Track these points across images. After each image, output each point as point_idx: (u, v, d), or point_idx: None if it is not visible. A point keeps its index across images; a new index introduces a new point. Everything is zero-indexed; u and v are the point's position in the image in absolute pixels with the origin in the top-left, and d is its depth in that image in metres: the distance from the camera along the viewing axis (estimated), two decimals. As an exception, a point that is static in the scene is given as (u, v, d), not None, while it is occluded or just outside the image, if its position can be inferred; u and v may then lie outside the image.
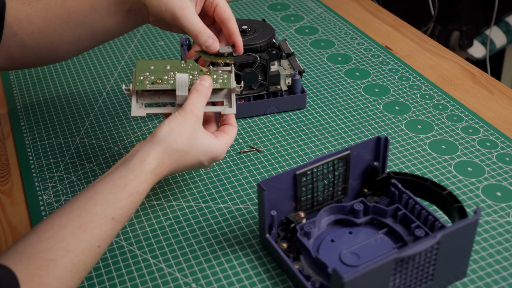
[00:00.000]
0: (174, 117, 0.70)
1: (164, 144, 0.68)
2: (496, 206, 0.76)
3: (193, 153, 0.70)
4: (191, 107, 0.70)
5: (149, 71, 0.74)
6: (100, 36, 0.82)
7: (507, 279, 0.67)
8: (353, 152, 0.71)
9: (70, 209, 0.62)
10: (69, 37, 0.82)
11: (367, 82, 1.02)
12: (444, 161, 0.84)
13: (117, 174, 0.65)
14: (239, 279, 0.68)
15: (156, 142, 0.68)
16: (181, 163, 0.69)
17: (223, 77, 0.76)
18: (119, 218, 0.63)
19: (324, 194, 0.72)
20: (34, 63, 0.87)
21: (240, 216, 0.76)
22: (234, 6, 1.29)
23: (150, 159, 0.67)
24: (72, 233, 0.60)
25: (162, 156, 0.67)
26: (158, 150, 0.67)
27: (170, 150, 0.68)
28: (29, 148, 0.90)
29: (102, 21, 0.81)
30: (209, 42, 0.77)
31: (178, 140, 0.68)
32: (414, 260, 0.60)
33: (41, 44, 0.82)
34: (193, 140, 0.69)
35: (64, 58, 0.86)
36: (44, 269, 0.57)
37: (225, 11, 0.80)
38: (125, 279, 0.68)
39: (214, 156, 0.72)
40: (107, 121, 0.95)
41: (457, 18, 1.77)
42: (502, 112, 0.94)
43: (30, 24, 0.81)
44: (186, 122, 0.69)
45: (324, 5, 1.28)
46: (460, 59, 1.08)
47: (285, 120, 0.93)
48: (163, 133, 0.68)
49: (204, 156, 0.71)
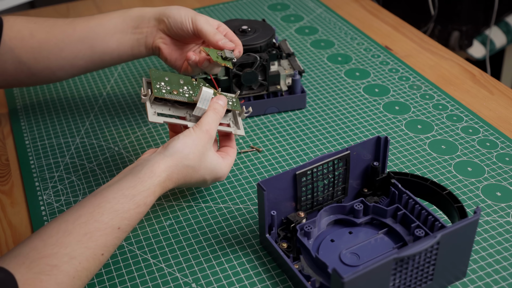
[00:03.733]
0: (189, 133, 0.70)
1: (176, 159, 0.68)
2: (496, 206, 0.76)
3: (201, 171, 0.71)
4: (207, 126, 0.71)
5: (164, 82, 0.74)
6: (98, 55, 0.83)
7: (507, 279, 0.67)
8: (353, 152, 0.71)
9: (77, 215, 0.62)
10: (68, 52, 0.83)
11: (367, 82, 1.02)
12: (444, 161, 0.84)
13: (126, 183, 0.65)
14: (239, 279, 0.68)
15: (168, 155, 0.68)
16: (187, 179, 0.70)
17: (232, 100, 0.78)
18: (125, 228, 0.64)
19: (324, 194, 0.72)
20: (26, 80, 0.87)
21: (240, 216, 0.76)
22: (234, 6, 1.29)
23: (160, 171, 0.67)
24: (77, 240, 0.60)
25: (172, 170, 0.68)
26: (169, 163, 0.68)
27: (181, 165, 0.69)
28: (29, 148, 0.90)
29: (105, 38, 0.82)
30: (224, 40, 0.80)
31: (191, 157, 0.69)
32: (414, 260, 0.60)
33: (38, 59, 0.83)
34: (203, 159, 0.70)
35: (57, 76, 0.86)
36: (46, 274, 0.57)
37: None
38: (125, 279, 0.68)
39: (218, 177, 0.73)
40: (107, 121, 0.95)
41: (457, 18, 1.77)
42: (502, 112, 0.94)
43: (32, 38, 0.82)
44: (200, 140, 0.70)
45: (324, 5, 1.28)
46: (460, 59, 1.08)
47: (285, 120, 0.94)
48: (177, 147, 0.69)
49: (210, 176, 0.72)
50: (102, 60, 0.85)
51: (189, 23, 0.81)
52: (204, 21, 0.81)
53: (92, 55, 0.84)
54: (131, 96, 1.00)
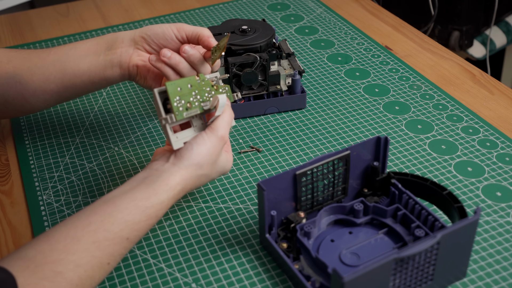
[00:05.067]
0: (203, 141, 0.69)
1: (191, 171, 0.68)
2: (496, 206, 0.76)
3: (212, 175, 0.71)
4: (222, 132, 0.70)
5: (179, 95, 0.69)
6: (68, 78, 0.80)
7: (507, 279, 0.67)
8: (353, 152, 0.71)
9: (87, 222, 0.61)
10: (39, 75, 0.80)
11: (367, 82, 1.02)
12: (444, 161, 0.84)
13: (140, 194, 0.65)
14: (239, 279, 0.68)
15: (183, 167, 0.68)
16: (198, 185, 0.71)
17: (226, 89, 0.75)
18: (133, 238, 0.64)
19: (324, 194, 0.72)
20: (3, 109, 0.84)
21: (240, 216, 0.76)
22: (234, 6, 1.29)
23: (176, 184, 0.67)
24: (85, 248, 0.59)
25: (187, 182, 0.68)
26: (184, 176, 0.68)
27: (195, 175, 0.69)
28: (29, 148, 0.90)
29: (76, 60, 0.80)
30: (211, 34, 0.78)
31: (205, 167, 0.69)
32: (414, 260, 0.60)
33: (10, 84, 0.81)
34: (216, 164, 0.71)
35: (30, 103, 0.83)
36: (49, 281, 0.56)
37: None
38: (125, 279, 0.68)
39: (224, 171, 0.74)
40: (107, 121, 0.95)
41: (457, 18, 1.77)
42: (502, 112, 0.94)
43: (8, 63, 0.81)
44: (215, 148, 0.70)
45: (324, 5, 1.28)
46: (460, 59, 1.08)
47: (285, 120, 0.93)
48: (192, 159, 0.68)
49: (217, 174, 0.72)
50: (73, 84, 0.81)
51: (172, 31, 0.78)
52: (188, 25, 0.79)
53: (62, 77, 0.81)
54: (131, 96, 1.00)
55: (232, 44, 0.90)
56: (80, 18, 1.28)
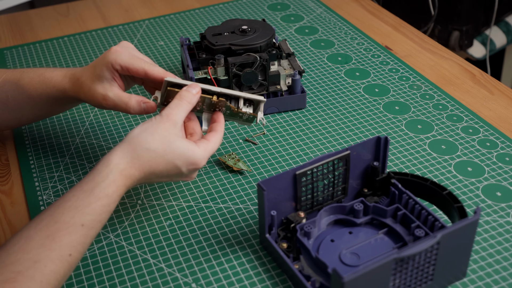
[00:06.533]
0: (149, 120, 0.68)
1: (134, 143, 0.66)
2: (496, 206, 0.76)
3: (168, 156, 0.67)
4: (168, 111, 0.69)
5: None
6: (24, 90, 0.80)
7: (507, 279, 0.67)
8: (353, 152, 0.71)
9: (38, 220, 0.61)
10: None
11: (367, 82, 1.02)
12: (444, 161, 0.84)
13: (85, 179, 0.64)
14: (239, 279, 0.68)
15: (125, 141, 0.66)
16: (154, 165, 0.66)
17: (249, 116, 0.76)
18: (90, 224, 0.62)
19: (324, 194, 0.72)
20: None
21: (240, 216, 0.76)
22: (234, 6, 1.29)
23: (118, 158, 0.65)
24: (39, 244, 0.59)
25: (131, 155, 0.65)
26: (126, 149, 0.65)
27: (140, 149, 0.66)
28: (29, 148, 0.90)
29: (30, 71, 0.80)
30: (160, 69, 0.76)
31: (149, 139, 0.66)
32: (414, 260, 0.60)
33: None
34: (167, 142, 0.67)
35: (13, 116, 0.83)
36: (11, 282, 0.56)
37: None
38: (125, 279, 0.68)
39: (192, 162, 0.68)
40: (107, 121, 0.95)
41: (457, 18, 1.77)
42: (502, 112, 0.94)
43: None
44: (160, 124, 0.67)
45: (324, 5, 1.28)
46: (460, 59, 1.08)
47: (285, 120, 0.93)
48: (134, 133, 0.67)
49: (181, 161, 0.67)
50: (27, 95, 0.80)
51: None
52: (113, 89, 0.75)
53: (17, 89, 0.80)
54: (131, 96, 1.00)
55: (232, 44, 0.90)
56: (80, 18, 1.28)
